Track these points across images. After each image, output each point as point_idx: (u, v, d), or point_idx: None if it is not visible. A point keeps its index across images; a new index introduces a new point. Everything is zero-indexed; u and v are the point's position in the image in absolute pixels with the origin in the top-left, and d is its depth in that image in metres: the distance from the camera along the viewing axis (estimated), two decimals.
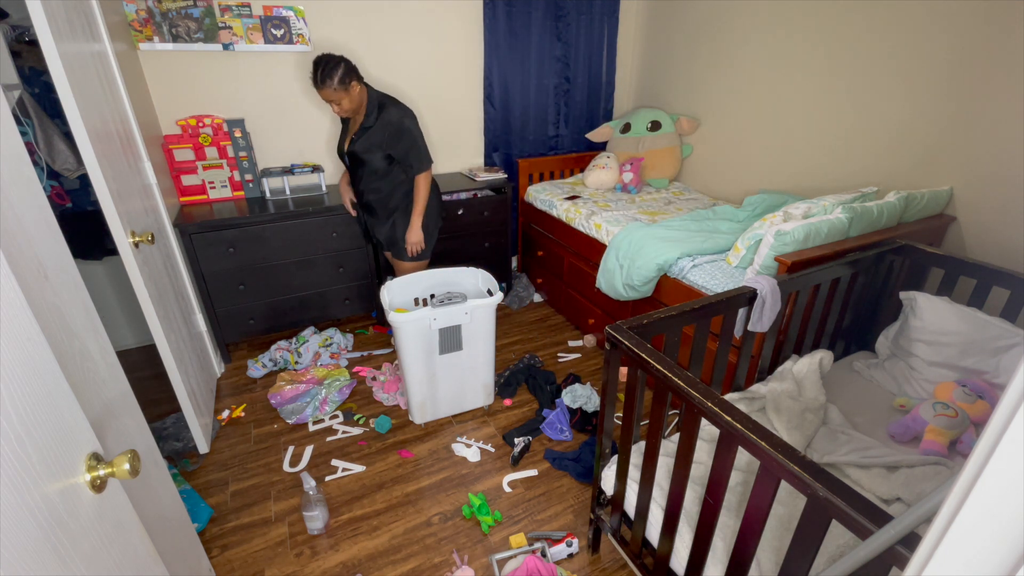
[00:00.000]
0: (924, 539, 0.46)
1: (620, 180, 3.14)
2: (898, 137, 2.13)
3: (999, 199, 1.86)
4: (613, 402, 1.39)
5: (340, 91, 2.01)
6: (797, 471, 0.84)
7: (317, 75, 1.99)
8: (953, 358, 1.65)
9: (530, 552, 1.62)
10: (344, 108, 2.07)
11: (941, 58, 1.94)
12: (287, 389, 2.33)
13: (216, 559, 1.63)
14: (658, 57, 3.30)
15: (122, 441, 1.07)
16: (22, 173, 0.84)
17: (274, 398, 2.31)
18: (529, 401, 2.38)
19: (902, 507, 1.29)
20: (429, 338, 1.99)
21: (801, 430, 1.53)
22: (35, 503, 0.56)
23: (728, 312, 1.52)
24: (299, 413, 2.22)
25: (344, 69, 2.01)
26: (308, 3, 2.58)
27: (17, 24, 2.09)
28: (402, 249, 2.38)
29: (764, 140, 2.72)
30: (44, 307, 0.85)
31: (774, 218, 1.90)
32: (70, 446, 0.66)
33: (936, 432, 1.45)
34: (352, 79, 2.04)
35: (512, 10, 3.00)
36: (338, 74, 1.99)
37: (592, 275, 2.62)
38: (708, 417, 1.01)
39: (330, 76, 1.98)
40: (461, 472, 1.97)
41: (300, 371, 2.48)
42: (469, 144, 3.31)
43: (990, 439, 0.39)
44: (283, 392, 2.32)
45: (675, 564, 1.26)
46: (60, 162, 2.15)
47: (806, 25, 2.40)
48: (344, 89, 2.02)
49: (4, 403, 0.54)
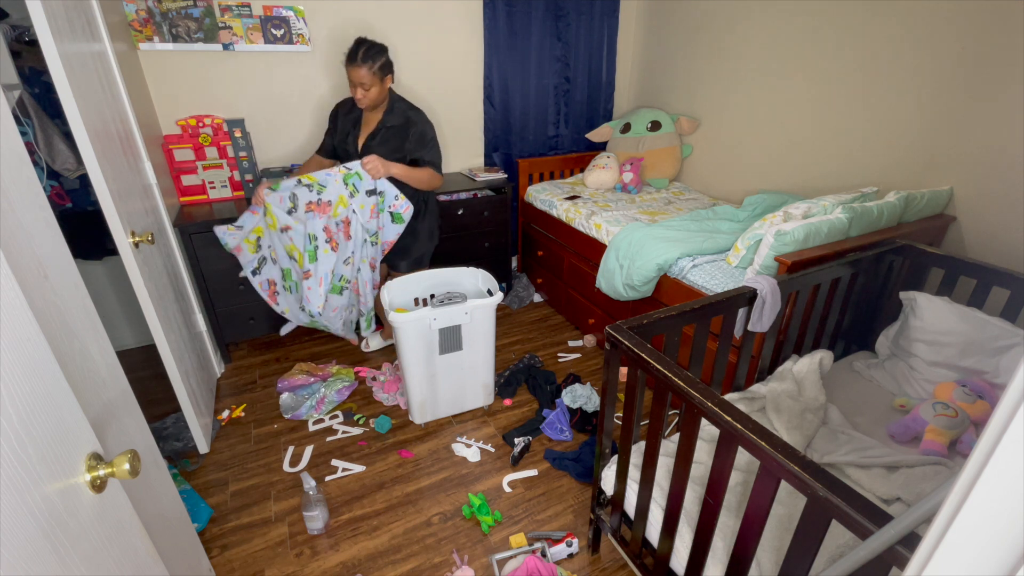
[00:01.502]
0: (924, 539, 0.46)
1: (620, 180, 3.14)
2: (898, 137, 2.13)
3: (999, 199, 1.86)
4: (613, 402, 1.39)
5: (375, 77, 1.96)
6: (797, 471, 0.84)
7: (359, 52, 1.92)
8: (953, 358, 1.65)
9: (530, 552, 1.62)
10: (370, 97, 2.00)
11: (941, 58, 1.94)
12: (298, 378, 2.40)
13: (216, 559, 1.63)
14: (658, 57, 3.30)
15: (122, 441, 1.07)
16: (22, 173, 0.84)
17: (282, 383, 2.37)
18: (529, 401, 2.38)
19: (902, 507, 1.29)
20: (429, 338, 1.99)
21: (801, 430, 1.53)
22: (35, 503, 0.56)
23: (728, 312, 1.52)
24: (295, 409, 2.23)
25: (387, 59, 1.99)
26: (308, 3, 2.58)
27: (17, 24, 2.09)
28: (412, 261, 2.36)
29: (764, 140, 2.72)
30: (44, 307, 0.85)
31: (774, 218, 1.90)
32: (70, 446, 0.66)
33: (936, 432, 1.45)
34: (389, 72, 2.02)
35: (512, 10, 3.00)
36: (381, 60, 1.96)
37: (592, 275, 2.62)
38: (708, 417, 1.01)
39: (372, 58, 1.93)
40: (461, 472, 1.97)
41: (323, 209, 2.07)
42: (469, 144, 3.31)
43: (990, 439, 0.39)
44: (293, 379, 2.39)
45: (675, 564, 1.26)
46: (60, 162, 2.15)
47: (806, 25, 2.40)
48: (379, 77, 1.97)
49: (4, 403, 0.54)
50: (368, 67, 1.92)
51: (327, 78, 2.76)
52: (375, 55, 1.94)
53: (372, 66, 1.93)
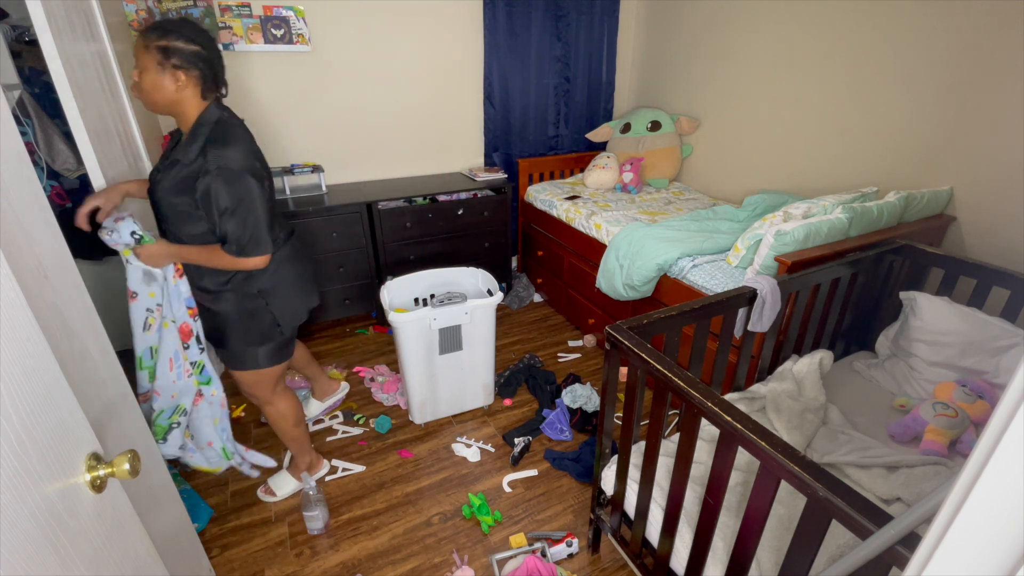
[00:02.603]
0: (924, 539, 0.46)
1: (620, 180, 3.14)
2: (898, 137, 2.13)
3: (999, 199, 1.86)
4: (613, 402, 1.39)
5: (152, 59, 1.26)
6: (797, 471, 0.84)
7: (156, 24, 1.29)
8: (953, 358, 1.65)
9: (530, 552, 1.62)
10: (142, 87, 1.30)
11: (942, 58, 1.94)
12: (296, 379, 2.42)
13: (216, 559, 1.63)
14: (658, 57, 3.30)
15: (122, 441, 1.07)
16: (22, 173, 0.84)
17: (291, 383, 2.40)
18: (529, 401, 2.37)
19: (902, 507, 1.29)
20: (429, 338, 1.99)
21: (801, 430, 1.53)
22: (35, 503, 0.56)
23: (728, 312, 1.52)
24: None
25: (190, 48, 1.28)
26: (308, 3, 2.58)
27: (17, 24, 2.08)
28: (233, 354, 1.54)
29: (764, 140, 2.72)
30: (44, 307, 0.85)
31: (774, 218, 1.90)
32: (70, 446, 0.66)
33: (936, 432, 1.45)
34: (188, 68, 1.29)
35: (512, 10, 3.00)
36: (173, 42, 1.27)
37: (592, 275, 2.62)
38: (708, 417, 1.01)
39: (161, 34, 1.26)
40: (461, 472, 1.97)
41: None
42: (469, 144, 3.31)
43: (990, 439, 0.39)
44: (292, 381, 2.41)
45: (675, 564, 1.26)
46: (60, 162, 2.15)
47: (806, 25, 2.40)
48: (159, 63, 1.27)
49: (4, 403, 0.54)
50: (146, 41, 1.26)
51: (327, 78, 2.76)
52: (168, 33, 1.27)
53: (151, 41, 1.26)
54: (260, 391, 1.65)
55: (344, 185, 2.97)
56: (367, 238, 2.72)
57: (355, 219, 2.65)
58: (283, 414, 1.73)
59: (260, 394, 1.66)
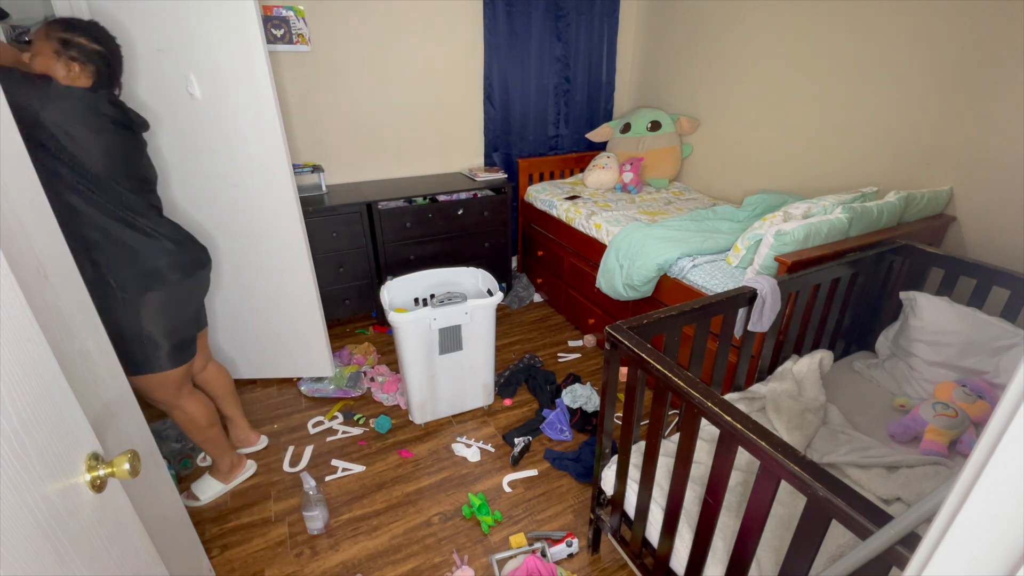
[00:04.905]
0: (924, 539, 0.46)
1: (620, 180, 3.14)
2: (898, 137, 2.13)
3: (999, 199, 1.86)
4: (613, 402, 1.39)
5: (46, 44, 1.30)
6: (797, 471, 0.84)
7: (62, 19, 1.34)
8: (953, 358, 1.65)
9: (530, 552, 1.62)
10: (30, 68, 1.31)
11: (941, 58, 1.94)
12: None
13: (216, 559, 1.63)
14: (658, 57, 3.30)
15: (122, 441, 1.07)
16: (22, 173, 0.85)
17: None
18: (529, 401, 2.37)
19: (902, 507, 1.29)
20: (429, 338, 1.99)
21: (801, 430, 1.53)
22: (35, 503, 0.56)
23: (728, 312, 1.52)
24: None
25: (87, 36, 1.32)
26: (308, 3, 2.58)
27: (17, 24, 2.08)
28: (124, 354, 1.36)
29: (764, 140, 2.72)
30: (44, 307, 0.85)
31: (774, 218, 1.90)
32: (70, 446, 0.66)
33: (936, 432, 1.45)
34: (81, 55, 1.32)
35: (512, 10, 3.00)
36: (74, 34, 1.31)
37: (592, 275, 2.62)
38: (708, 417, 1.01)
39: (67, 26, 1.32)
40: (461, 472, 1.97)
41: None
42: (469, 144, 3.31)
43: (990, 439, 0.39)
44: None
45: (675, 564, 1.26)
46: None
47: (806, 25, 2.40)
48: (53, 48, 1.30)
49: (4, 403, 0.54)
50: (47, 31, 1.30)
51: (327, 78, 2.76)
52: (73, 29, 1.32)
53: (53, 32, 1.30)
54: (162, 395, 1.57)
55: (344, 185, 2.97)
56: (367, 238, 2.72)
57: (355, 219, 2.65)
58: (192, 418, 1.65)
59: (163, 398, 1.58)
